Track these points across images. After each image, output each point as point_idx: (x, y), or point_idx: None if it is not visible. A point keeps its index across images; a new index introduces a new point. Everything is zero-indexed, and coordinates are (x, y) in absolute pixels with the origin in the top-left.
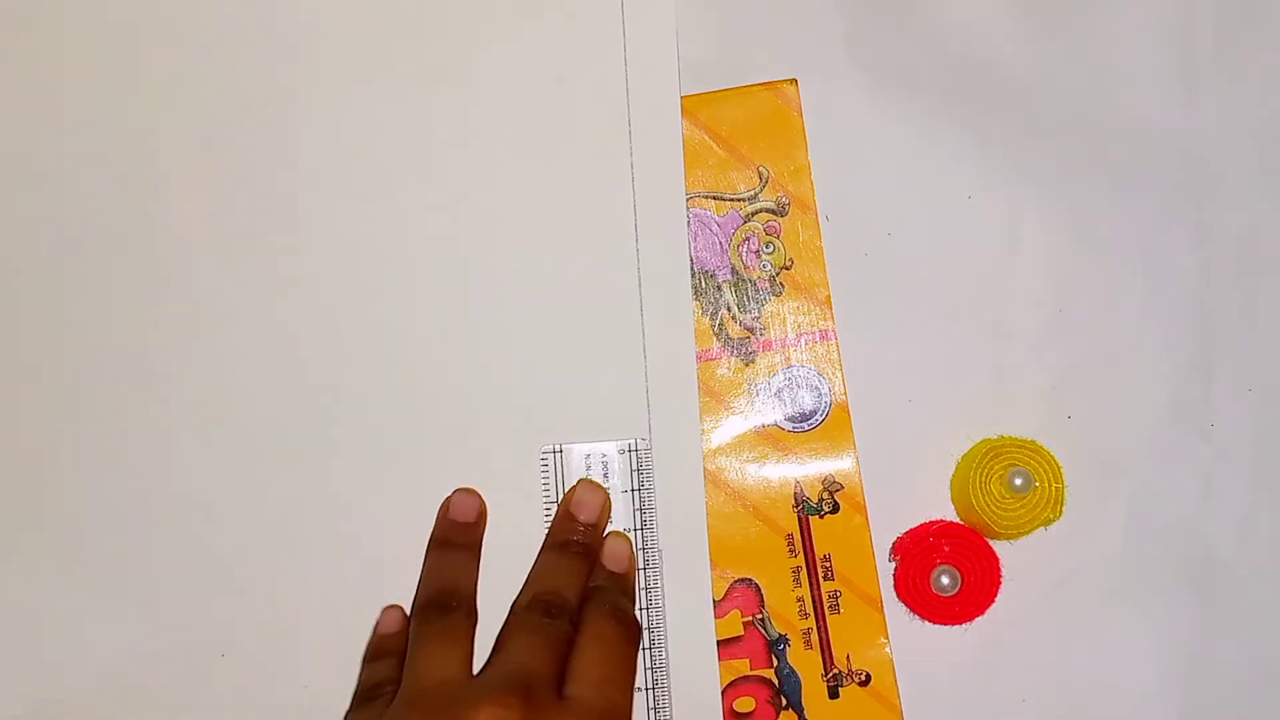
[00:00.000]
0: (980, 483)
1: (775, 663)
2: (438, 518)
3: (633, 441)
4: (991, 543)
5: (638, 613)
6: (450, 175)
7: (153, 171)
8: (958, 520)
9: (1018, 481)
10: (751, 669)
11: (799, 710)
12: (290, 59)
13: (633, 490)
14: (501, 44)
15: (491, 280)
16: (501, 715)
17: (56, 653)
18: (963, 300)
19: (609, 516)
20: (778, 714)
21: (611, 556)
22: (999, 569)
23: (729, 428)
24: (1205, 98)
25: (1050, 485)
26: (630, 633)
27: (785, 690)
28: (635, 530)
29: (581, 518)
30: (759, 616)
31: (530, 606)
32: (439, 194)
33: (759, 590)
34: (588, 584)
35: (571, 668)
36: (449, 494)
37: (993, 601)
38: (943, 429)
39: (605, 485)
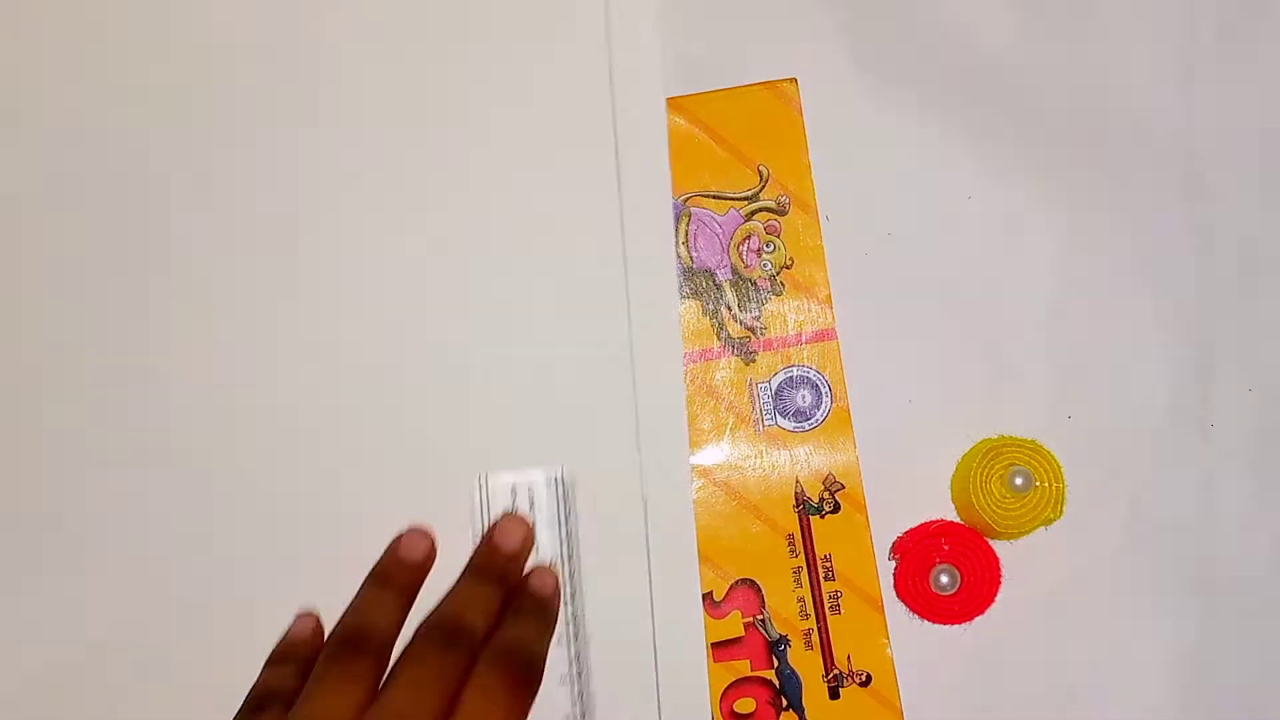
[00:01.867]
0: (980, 482)
1: (776, 663)
2: (385, 550)
3: (559, 470)
4: (991, 542)
5: (565, 644)
6: (435, 179)
7: (142, 177)
8: (958, 520)
9: (1018, 481)
10: (752, 670)
11: (800, 711)
12: (276, 61)
13: (560, 522)
14: (485, 44)
15: (474, 287)
16: None
17: (53, 630)
18: (963, 300)
19: (531, 549)
20: (778, 715)
21: (538, 582)
22: (999, 568)
23: (729, 427)
24: (1205, 98)
25: (1051, 485)
26: (520, 684)
27: (786, 691)
28: (562, 561)
29: (503, 548)
30: (760, 617)
31: (429, 633)
32: (421, 197)
33: (759, 591)
34: (501, 614)
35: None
36: (403, 529)
37: (993, 601)
38: (943, 429)
39: (531, 517)
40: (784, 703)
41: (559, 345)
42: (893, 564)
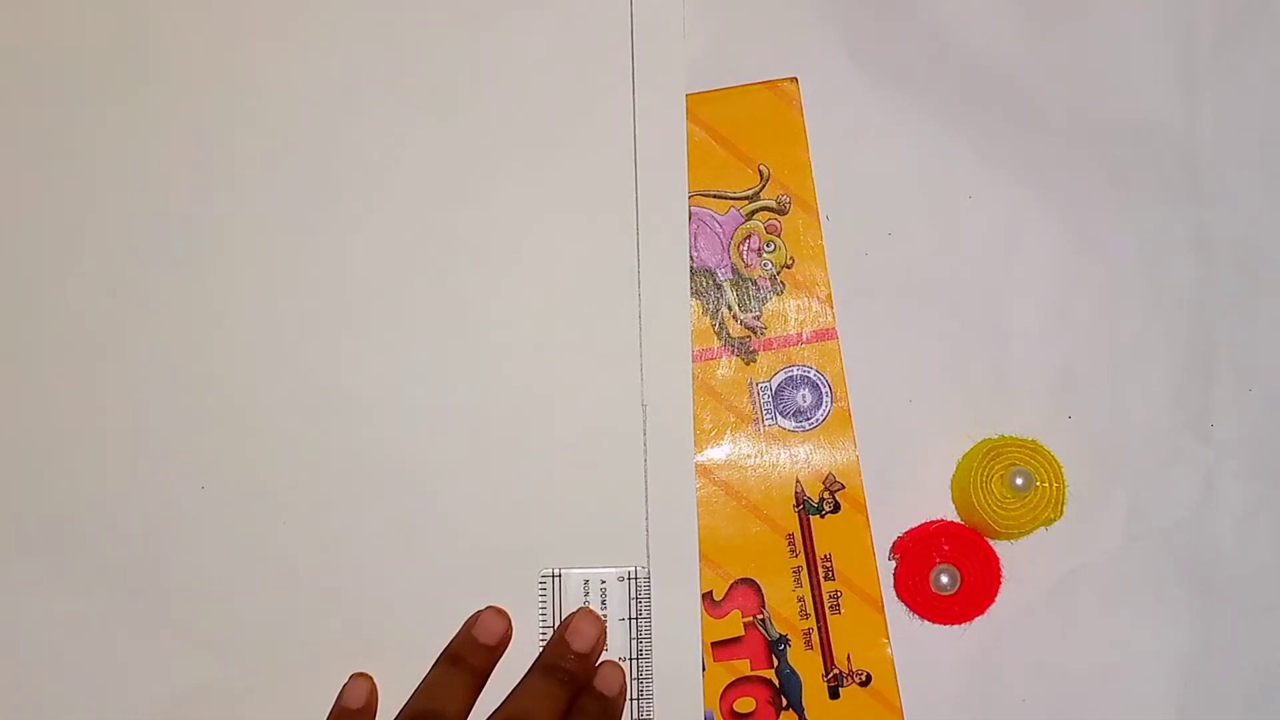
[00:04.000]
0: (981, 482)
1: (776, 663)
2: (461, 629)
3: (633, 569)
4: (991, 542)
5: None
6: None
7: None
8: (958, 520)
9: (1019, 481)
10: (752, 669)
11: (799, 711)
12: (288, 58)
13: (630, 619)
14: (507, 41)
15: (480, 286)
16: None
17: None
18: (963, 300)
19: (603, 648)
20: (778, 714)
21: (604, 682)
22: (999, 569)
23: (729, 427)
24: (1205, 98)
25: (1051, 485)
26: None
27: (786, 691)
28: (630, 660)
29: (575, 646)
30: (759, 617)
31: None
32: (443, 197)
33: (759, 590)
34: (568, 711)
35: None
36: (481, 609)
37: (993, 601)
38: (943, 429)
39: (603, 613)
40: (784, 702)
41: (567, 343)
42: (893, 564)
